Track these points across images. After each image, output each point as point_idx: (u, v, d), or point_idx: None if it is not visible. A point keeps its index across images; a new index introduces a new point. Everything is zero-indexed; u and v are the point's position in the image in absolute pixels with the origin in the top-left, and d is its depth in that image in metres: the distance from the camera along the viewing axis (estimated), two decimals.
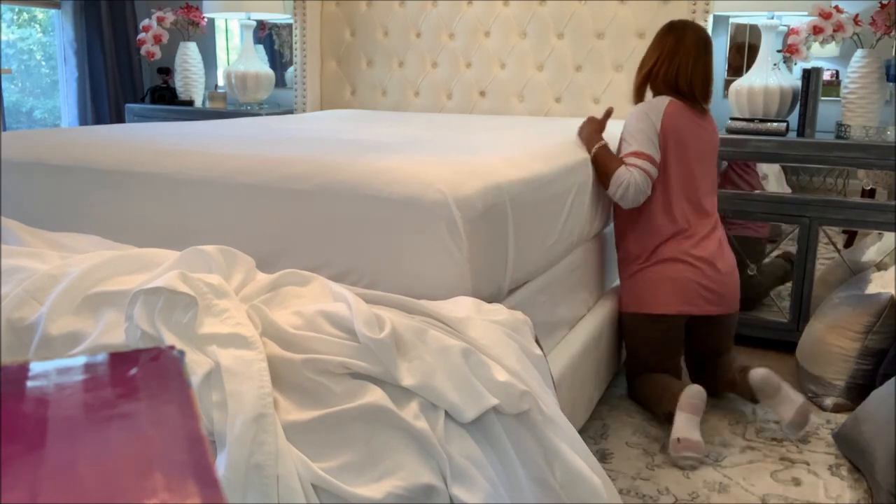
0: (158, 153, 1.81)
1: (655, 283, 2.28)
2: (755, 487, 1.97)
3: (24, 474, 0.38)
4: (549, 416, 1.23)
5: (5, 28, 4.16)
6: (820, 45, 2.93)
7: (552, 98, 3.36)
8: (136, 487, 0.37)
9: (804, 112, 2.90)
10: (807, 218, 2.78)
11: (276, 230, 1.62)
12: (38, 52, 4.44)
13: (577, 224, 2.07)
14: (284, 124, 2.69)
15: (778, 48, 3.07)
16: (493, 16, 3.39)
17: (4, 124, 3.82)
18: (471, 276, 1.47)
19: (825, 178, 3.15)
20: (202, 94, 4.16)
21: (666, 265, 2.27)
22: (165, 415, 0.44)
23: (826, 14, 2.82)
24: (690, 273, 2.26)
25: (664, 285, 2.27)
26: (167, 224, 1.74)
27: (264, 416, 1.06)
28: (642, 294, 2.31)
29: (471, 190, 1.49)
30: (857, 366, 2.42)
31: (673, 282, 2.26)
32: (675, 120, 2.25)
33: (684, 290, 2.26)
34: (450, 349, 1.18)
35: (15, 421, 0.43)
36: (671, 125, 2.24)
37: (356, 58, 3.70)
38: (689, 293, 2.26)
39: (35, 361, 0.49)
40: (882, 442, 1.88)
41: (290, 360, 1.16)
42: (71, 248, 1.60)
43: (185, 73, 4.07)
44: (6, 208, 1.88)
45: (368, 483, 1.08)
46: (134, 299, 1.20)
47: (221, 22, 4.41)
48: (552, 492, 1.19)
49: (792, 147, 2.78)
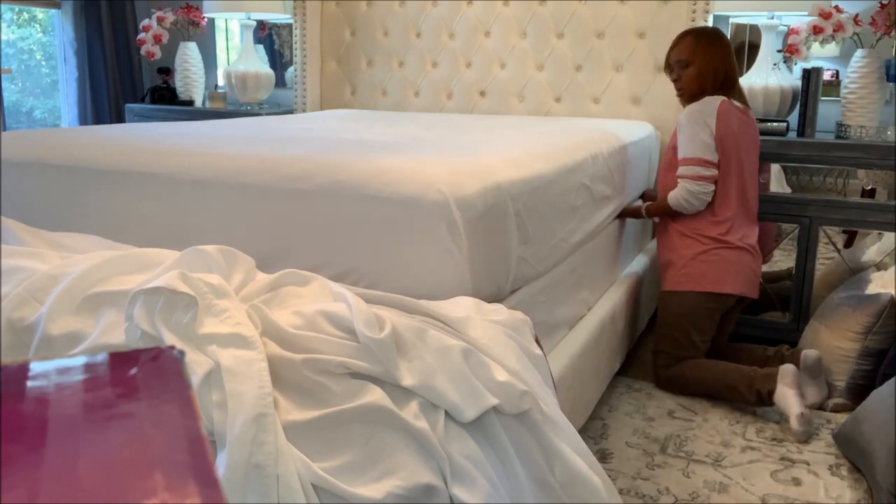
0: (158, 153, 1.81)
1: (723, 265, 2.44)
2: (755, 487, 1.97)
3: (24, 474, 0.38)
4: (549, 416, 1.23)
5: (5, 28, 4.16)
6: (820, 45, 2.93)
7: (552, 98, 3.36)
8: (136, 487, 0.37)
9: (804, 112, 2.90)
10: (807, 218, 2.78)
11: (276, 230, 1.61)
12: (38, 52, 4.44)
13: (579, 224, 2.07)
14: (284, 124, 2.69)
15: (778, 48, 3.07)
16: (493, 16, 3.39)
17: (4, 124, 3.82)
18: (471, 276, 1.47)
19: (825, 178, 3.15)
20: (202, 94, 4.16)
21: (731, 251, 2.45)
22: (165, 415, 0.44)
23: (826, 14, 2.82)
24: (748, 259, 2.47)
25: (733, 267, 2.45)
26: (167, 224, 1.74)
27: (264, 416, 1.06)
28: (706, 273, 2.45)
29: (471, 190, 1.48)
30: (857, 366, 2.42)
31: (740, 265, 2.46)
32: (729, 118, 2.41)
33: (746, 274, 2.47)
34: (450, 349, 1.18)
35: (15, 421, 0.43)
36: (725, 123, 2.40)
37: (356, 58, 3.70)
38: (749, 277, 2.48)
39: (35, 361, 0.49)
40: (882, 442, 1.88)
41: (290, 359, 1.16)
42: (71, 248, 1.60)
43: (185, 73, 4.07)
44: (6, 208, 1.88)
45: (368, 483, 1.08)
46: (134, 299, 1.20)
47: (221, 22, 4.41)
48: (552, 492, 1.19)
49: (792, 147, 2.78)
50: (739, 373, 2.37)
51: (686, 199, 2.41)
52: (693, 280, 2.47)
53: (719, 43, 2.47)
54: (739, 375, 2.36)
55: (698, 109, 2.40)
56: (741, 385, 2.35)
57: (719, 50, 2.46)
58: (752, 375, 2.34)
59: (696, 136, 2.38)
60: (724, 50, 2.47)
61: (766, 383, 2.30)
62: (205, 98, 4.16)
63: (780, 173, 3.13)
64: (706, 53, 2.45)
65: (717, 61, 2.45)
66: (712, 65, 2.45)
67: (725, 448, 2.17)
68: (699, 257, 2.46)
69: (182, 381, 0.48)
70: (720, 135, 2.38)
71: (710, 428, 2.28)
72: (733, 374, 2.38)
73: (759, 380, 2.32)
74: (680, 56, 2.48)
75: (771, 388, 2.28)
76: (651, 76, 3.13)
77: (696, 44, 2.46)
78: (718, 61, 2.45)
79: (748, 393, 2.33)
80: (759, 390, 2.30)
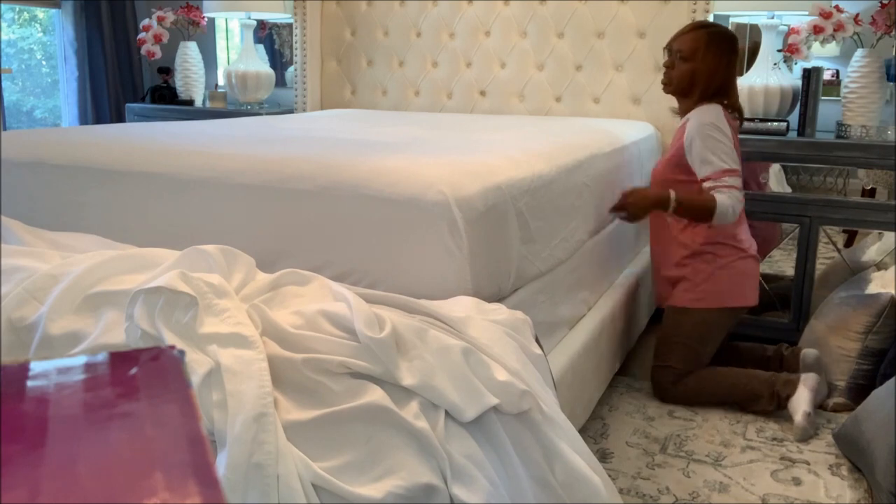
0: (158, 153, 1.81)
1: (741, 277, 2.40)
2: (755, 487, 1.97)
3: (24, 474, 0.38)
4: (549, 416, 1.23)
5: (6, 27, 4.16)
6: (820, 45, 2.93)
7: (552, 97, 3.36)
8: (136, 487, 0.37)
9: (804, 112, 2.90)
10: (807, 218, 2.78)
11: (277, 230, 1.61)
12: (39, 52, 4.44)
13: (580, 224, 2.07)
14: (285, 124, 2.69)
15: (778, 48, 3.07)
16: (493, 15, 3.39)
17: (5, 124, 3.82)
18: (471, 276, 1.47)
19: (825, 178, 3.15)
20: (202, 94, 4.16)
21: (747, 260, 2.40)
22: (166, 414, 0.44)
23: (826, 14, 2.82)
24: (756, 266, 2.44)
25: (750, 278, 2.42)
26: (167, 224, 1.74)
27: (264, 416, 1.06)
28: (727, 289, 2.39)
29: (472, 190, 1.48)
30: (857, 366, 2.42)
31: (755, 274, 2.43)
32: (729, 124, 2.33)
33: (755, 281, 2.43)
34: (450, 349, 1.18)
35: (15, 421, 0.43)
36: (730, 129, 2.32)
37: (356, 57, 3.70)
38: (756, 284, 2.44)
39: (35, 361, 0.49)
40: (882, 442, 1.88)
41: (290, 359, 1.16)
42: (71, 247, 1.60)
43: (185, 73, 4.07)
44: (6, 208, 1.88)
45: (369, 483, 1.08)
46: (134, 299, 1.20)
47: (222, 21, 4.41)
48: (552, 491, 1.19)
49: (792, 147, 2.78)
50: (759, 380, 2.32)
51: (734, 208, 2.23)
52: (713, 296, 2.37)
53: (726, 48, 2.34)
54: (759, 383, 2.31)
55: (713, 118, 2.27)
56: (764, 392, 2.30)
57: (723, 56, 2.33)
58: (773, 381, 2.30)
59: (720, 145, 2.25)
60: (729, 57, 2.34)
61: (787, 388, 2.28)
62: (205, 98, 4.16)
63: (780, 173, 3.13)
64: (709, 56, 2.32)
65: (717, 67, 2.32)
66: (711, 69, 2.32)
67: (725, 448, 2.17)
68: (718, 273, 2.36)
69: (182, 380, 0.48)
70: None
71: (710, 428, 2.28)
72: (752, 382, 2.32)
73: (781, 385, 2.29)
74: (682, 47, 2.34)
75: (790, 393, 2.27)
76: (651, 76, 3.12)
77: (703, 43, 2.31)
78: (719, 67, 2.33)
79: (769, 401, 2.30)
80: (780, 395, 2.28)
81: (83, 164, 1.84)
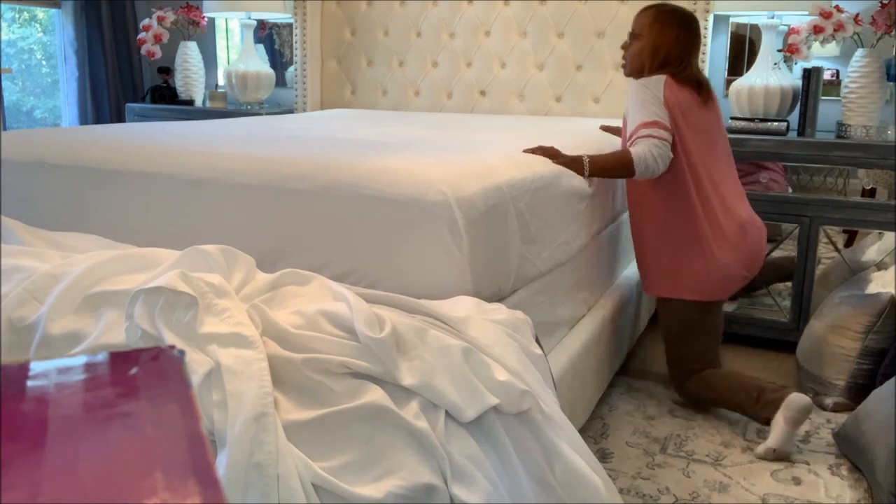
0: (158, 153, 1.81)
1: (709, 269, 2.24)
2: (755, 487, 1.97)
3: (24, 474, 0.38)
4: (549, 416, 1.23)
5: (6, 27, 4.16)
6: (820, 45, 2.93)
7: (553, 97, 3.36)
8: (136, 487, 0.37)
9: (804, 111, 2.90)
10: (807, 217, 2.78)
11: (277, 230, 1.61)
12: (39, 52, 4.44)
13: (581, 223, 2.07)
14: (285, 124, 2.69)
15: (778, 48, 3.07)
16: (493, 15, 3.39)
17: (5, 124, 3.82)
18: (471, 276, 1.47)
19: (825, 178, 3.15)
20: (202, 94, 4.16)
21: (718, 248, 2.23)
22: (166, 414, 0.44)
23: (826, 13, 2.82)
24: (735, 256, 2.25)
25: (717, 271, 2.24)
26: (167, 224, 1.74)
27: (265, 416, 1.06)
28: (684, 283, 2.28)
29: (472, 190, 1.49)
30: (857, 365, 2.42)
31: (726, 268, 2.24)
32: (676, 92, 2.20)
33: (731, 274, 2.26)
34: (450, 349, 1.18)
35: (15, 421, 0.43)
36: (673, 97, 2.19)
37: (356, 57, 3.70)
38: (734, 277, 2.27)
39: (35, 361, 0.49)
40: (882, 442, 1.88)
41: (290, 359, 1.16)
42: (71, 247, 1.60)
43: (185, 73, 4.07)
44: (6, 208, 1.88)
45: (369, 482, 1.08)
46: (134, 299, 1.20)
47: (222, 21, 4.41)
48: (552, 491, 1.19)
49: (792, 146, 2.78)
50: (748, 391, 2.23)
51: (654, 155, 2.08)
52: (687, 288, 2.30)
53: (677, 24, 2.27)
54: (754, 395, 2.21)
55: (644, 82, 2.21)
56: (742, 403, 2.23)
57: (672, 30, 2.26)
58: (755, 397, 2.21)
59: (642, 101, 2.17)
60: (679, 31, 2.27)
61: (765, 410, 2.17)
62: (205, 98, 4.16)
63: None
64: (656, 32, 2.27)
65: (665, 41, 2.25)
66: (658, 44, 2.26)
67: (725, 448, 2.17)
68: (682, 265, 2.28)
69: (182, 380, 0.48)
70: (671, 110, 2.18)
71: (710, 427, 2.28)
72: (746, 390, 2.23)
73: (762, 404, 2.18)
74: (633, 27, 2.32)
75: (768, 417, 2.16)
76: None
77: (651, 20, 2.28)
78: (667, 42, 2.25)
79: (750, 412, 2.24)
80: (762, 415, 2.19)
81: (83, 164, 1.84)
